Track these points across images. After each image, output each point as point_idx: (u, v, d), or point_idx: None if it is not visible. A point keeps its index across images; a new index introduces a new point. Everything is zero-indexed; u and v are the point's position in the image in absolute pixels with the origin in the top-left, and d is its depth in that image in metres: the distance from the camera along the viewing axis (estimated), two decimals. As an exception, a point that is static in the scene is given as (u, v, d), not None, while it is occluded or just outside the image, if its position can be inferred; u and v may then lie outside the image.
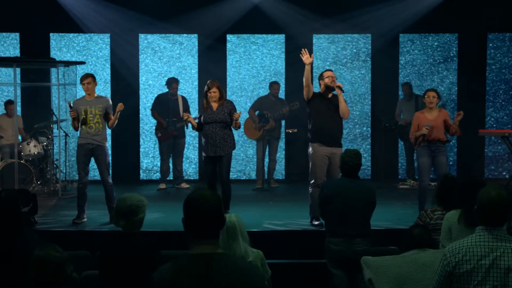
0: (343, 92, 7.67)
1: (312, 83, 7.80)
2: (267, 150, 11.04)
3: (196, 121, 8.02)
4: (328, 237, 5.85)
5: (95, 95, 8.14)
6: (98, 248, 4.60)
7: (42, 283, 3.72)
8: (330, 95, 7.74)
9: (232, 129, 8.02)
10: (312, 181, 7.67)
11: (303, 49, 7.66)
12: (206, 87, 7.96)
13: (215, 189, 7.86)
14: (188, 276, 2.74)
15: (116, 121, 8.11)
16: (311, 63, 7.71)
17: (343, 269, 5.73)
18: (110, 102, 8.14)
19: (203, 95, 8.10)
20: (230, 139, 7.98)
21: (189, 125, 8.45)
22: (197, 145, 11.89)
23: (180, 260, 2.84)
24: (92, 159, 8.11)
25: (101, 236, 7.22)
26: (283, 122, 11.37)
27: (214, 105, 7.89)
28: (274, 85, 11.06)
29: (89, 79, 8.06)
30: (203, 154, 8.03)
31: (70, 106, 8.17)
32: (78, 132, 8.15)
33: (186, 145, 11.34)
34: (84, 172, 8.04)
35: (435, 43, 12.04)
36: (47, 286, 3.71)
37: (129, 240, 4.38)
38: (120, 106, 7.98)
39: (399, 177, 11.84)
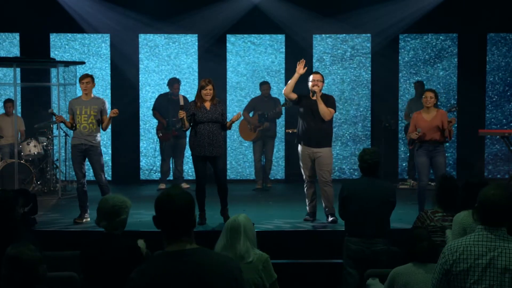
0: (312, 97, 7.85)
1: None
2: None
3: (188, 118, 7.74)
4: (347, 237, 5.87)
5: (92, 95, 8.20)
6: (79, 248, 4.57)
7: (14, 282, 3.69)
8: (314, 97, 7.88)
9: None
10: (304, 178, 8.13)
11: (302, 60, 7.98)
12: (200, 84, 7.82)
13: (204, 190, 7.79)
14: (161, 274, 2.79)
15: (110, 125, 8.21)
16: (301, 75, 7.98)
17: (360, 269, 5.71)
18: (106, 104, 8.19)
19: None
20: (223, 139, 7.99)
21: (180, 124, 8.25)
22: (197, 145, 11.87)
23: (153, 260, 2.92)
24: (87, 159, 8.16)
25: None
26: (277, 121, 11.33)
27: (207, 104, 7.73)
28: (263, 85, 11.00)
29: (88, 79, 8.15)
30: (194, 153, 7.74)
31: (52, 113, 8.37)
32: (72, 133, 8.21)
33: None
34: (81, 172, 8.09)
35: (435, 43, 12.03)
36: (19, 285, 3.69)
37: (109, 241, 4.37)
38: (114, 112, 7.97)
39: (399, 177, 11.84)
